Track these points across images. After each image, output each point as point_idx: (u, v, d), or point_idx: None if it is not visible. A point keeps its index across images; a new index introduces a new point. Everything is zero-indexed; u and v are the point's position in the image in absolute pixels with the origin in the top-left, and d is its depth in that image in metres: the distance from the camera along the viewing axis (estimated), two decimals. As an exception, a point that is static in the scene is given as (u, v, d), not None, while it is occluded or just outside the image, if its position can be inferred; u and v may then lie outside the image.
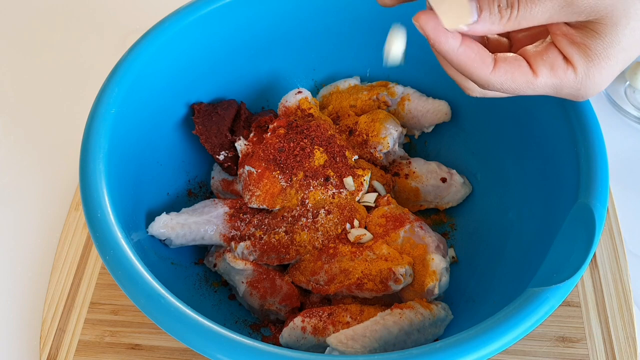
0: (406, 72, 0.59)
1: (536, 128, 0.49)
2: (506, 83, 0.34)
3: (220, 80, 0.56)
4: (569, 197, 0.41)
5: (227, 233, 0.50)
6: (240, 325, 0.50)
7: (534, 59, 0.34)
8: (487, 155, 0.56)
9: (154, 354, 0.50)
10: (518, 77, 0.34)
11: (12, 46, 0.75)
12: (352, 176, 0.51)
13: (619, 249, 0.55)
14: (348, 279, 0.47)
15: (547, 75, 0.34)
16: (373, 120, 0.55)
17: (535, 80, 0.34)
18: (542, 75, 0.34)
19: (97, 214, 0.40)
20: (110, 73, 0.46)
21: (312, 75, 0.61)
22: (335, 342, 0.42)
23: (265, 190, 0.50)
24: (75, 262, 0.55)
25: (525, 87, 0.34)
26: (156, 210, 0.50)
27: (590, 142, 0.42)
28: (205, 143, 0.53)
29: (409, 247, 0.48)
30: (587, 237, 0.37)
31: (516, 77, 0.34)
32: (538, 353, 0.49)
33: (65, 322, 0.52)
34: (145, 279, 0.37)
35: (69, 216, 0.58)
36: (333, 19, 0.56)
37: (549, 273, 0.38)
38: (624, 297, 0.52)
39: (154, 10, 0.64)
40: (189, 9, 0.50)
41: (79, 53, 0.74)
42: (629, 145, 0.65)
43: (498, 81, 0.34)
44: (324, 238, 0.49)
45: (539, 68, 0.34)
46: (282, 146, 0.51)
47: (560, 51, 0.34)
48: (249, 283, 0.49)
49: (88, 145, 0.43)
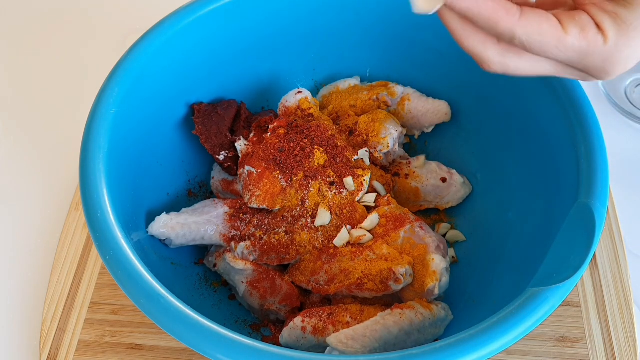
0: (406, 72, 0.59)
1: (536, 128, 0.49)
2: (533, 35, 0.31)
3: (220, 80, 0.56)
4: (569, 197, 0.41)
5: (227, 233, 0.50)
6: (240, 325, 0.50)
7: (565, 18, 0.31)
8: (487, 155, 0.56)
9: (154, 354, 0.50)
10: (547, 29, 0.31)
11: (12, 46, 0.75)
12: (352, 176, 0.51)
13: (619, 249, 0.55)
14: (348, 279, 0.47)
15: (577, 36, 0.31)
16: (373, 120, 0.55)
17: (565, 37, 0.31)
18: (572, 34, 0.31)
19: (97, 214, 0.40)
20: (110, 73, 0.46)
21: (312, 75, 0.61)
22: (335, 342, 0.42)
23: (265, 190, 0.50)
24: (75, 262, 0.55)
25: (552, 44, 0.31)
26: (156, 210, 0.50)
27: (590, 142, 0.42)
28: (205, 143, 0.53)
29: (409, 247, 0.48)
30: (587, 237, 0.37)
31: (544, 30, 0.31)
32: (538, 353, 0.49)
33: (65, 322, 0.52)
34: (145, 279, 0.37)
35: (69, 216, 0.58)
36: (333, 19, 0.56)
37: (549, 273, 0.38)
38: (624, 297, 0.52)
39: (154, 10, 0.64)
40: (188, 9, 0.50)
41: (79, 53, 0.74)
42: (629, 145, 0.65)
43: (525, 32, 0.31)
44: (324, 238, 0.49)
45: (570, 27, 0.31)
46: (282, 146, 0.51)
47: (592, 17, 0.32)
48: (249, 283, 0.49)
49: (88, 145, 0.43)
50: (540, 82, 0.47)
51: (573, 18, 0.31)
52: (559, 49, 0.31)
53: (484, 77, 0.54)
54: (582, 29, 0.31)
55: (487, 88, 0.54)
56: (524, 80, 0.49)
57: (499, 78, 0.52)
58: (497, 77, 0.52)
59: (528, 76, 0.35)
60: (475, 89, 0.55)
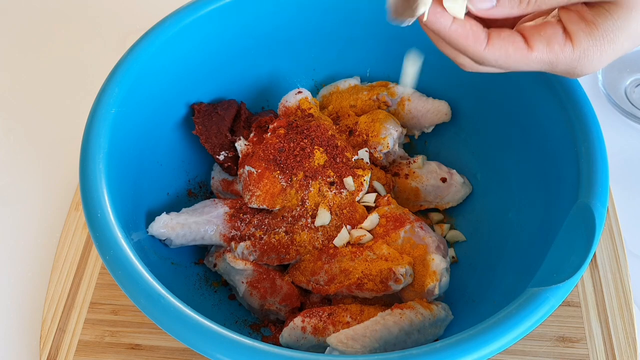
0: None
1: (536, 128, 0.49)
2: (500, 59, 0.34)
3: (220, 80, 0.56)
4: (569, 197, 0.41)
5: (227, 233, 0.50)
6: (240, 325, 0.50)
7: (531, 34, 0.34)
8: (487, 155, 0.56)
9: (154, 354, 0.50)
10: (512, 52, 0.33)
11: (12, 46, 0.75)
12: (352, 176, 0.51)
13: (619, 249, 0.55)
14: (348, 279, 0.47)
15: (543, 51, 0.33)
16: (373, 121, 0.55)
17: (530, 54, 0.33)
18: (538, 50, 0.33)
19: (97, 214, 0.40)
20: (110, 73, 0.46)
21: (312, 75, 0.61)
22: (336, 342, 0.42)
23: (265, 190, 0.50)
24: (75, 262, 0.55)
25: (519, 62, 0.34)
26: (156, 210, 0.50)
27: (590, 142, 0.42)
28: (205, 143, 0.53)
29: (409, 247, 0.48)
30: (587, 237, 0.37)
31: (510, 53, 0.33)
32: (538, 353, 0.49)
33: (65, 322, 0.52)
34: (145, 279, 0.37)
35: (69, 216, 0.58)
36: (333, 19, 0.56)
37: (549, 273, 0.38)
38: (624, 297, 0.52)
39: (154, 10, 0.64)
40: (188, 9, 0.50)
41: (79, 53, 0.74)
42: (629, 145, 0.65)
43: (492, 57, 0.34)
44: (324, 238, 0.49)
45: (535, 43, 0.33)
46: (282, 146, 0.51)
47: (563, 25, 0.33)
48: (249, 283, 0.49)
49: (88, 145, 0.43)
50: (540, 83, 0.47)
51: (539, 32, 0.34)
52: (526, 64, 0.34)
53: (484, 77, 0.54)
54: (548, 42, 0.33)
55: (487, 88, 0.54)
56: (524, 80, 0.50)
57: (499, 78, 0.52)
58: (497, 77, 0.53)
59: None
60: (475, 89, 0.55)
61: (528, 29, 0.34)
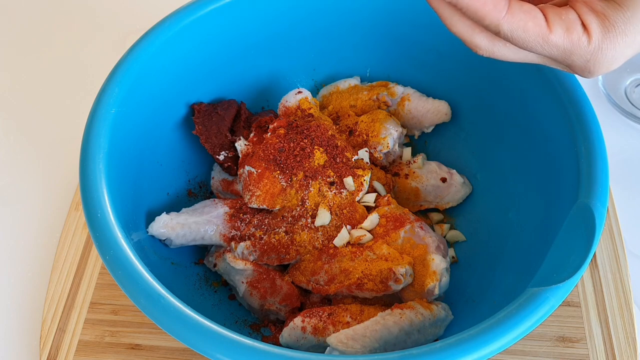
0: (406, 72, 0.59)
1: (536, 128, 0.49)
2: (517, 31, 0.31)
3: (220, 80, 0.56)
4: (569, 197, 0.41)
5: (227, 233, 0.50)
6: (240, 325, 0.50)
7: (552, 15, 0.32)
8: (487, 155, 0.56)
9: (154, 354, 0.50)
10: (531, 27, 0.31)
11: (12, 46, 0.75)
12: (352, 176, 0.51)
13: (619, 249, 0.55)
14: (348, 279, 0.47)
15: (561, 36, 0.31)
16: (373, 121, 0.55)
17: (549, 36, 0.31)
18: (557, 33, 0.31)
19: (97, 214, 0.40)
20: (110, 73, 0.46)
21: (312, 75, 0.61)
22: (336, 342, 0.42)
23: (265, 190, 0.50)
24: (75, 262, 0.55)
25: (535, 41, 0.32)
26: (156, 210, 0.50)
27: (590, 142, 0.42)
28: (205, 143, 0.53)
29: (409, 247, 0.48)
30: (587, 237, 0.37)
31: (529, 27, 0.31)
32: (538, 353, 0.49)
33: (65, 322, 0.52)
34: (145, 279, 0.37)
35: (69, 216, 0.58)
36: (333, 19, 0.56)
37: (549, 273, 0.38)
38: (624, 297, 0.52)
39: (154, 10, 0.64)
40: (188, 9, 0.50)
41: (79, 53, 0.74)
42: (629, 145, 0.65)
43: (509, 28, 0.31)
44: (324, 238, 0.49)
45: (555, 26, 0.31)
46: (282, 146, 0.51)
47: (579, 16, 0.32)
48: (249, 283, 0.49)
49: (88, 145, 0.43)
50: (540, 82, 0.47)
51: (560, 16, 0.32)
52: (542, 45, 0.32)
53: (484, 77, 0.54)
54: (568, 28, 0.32)
55: (487, 88, 0.54)
56: (524, 80, 0.50)
57: (500, 78, 0.52)
58: (498, 77, 0.53)
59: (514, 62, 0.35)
60: (475, 89, 0.55)
61: (549, 9, 0.32)
